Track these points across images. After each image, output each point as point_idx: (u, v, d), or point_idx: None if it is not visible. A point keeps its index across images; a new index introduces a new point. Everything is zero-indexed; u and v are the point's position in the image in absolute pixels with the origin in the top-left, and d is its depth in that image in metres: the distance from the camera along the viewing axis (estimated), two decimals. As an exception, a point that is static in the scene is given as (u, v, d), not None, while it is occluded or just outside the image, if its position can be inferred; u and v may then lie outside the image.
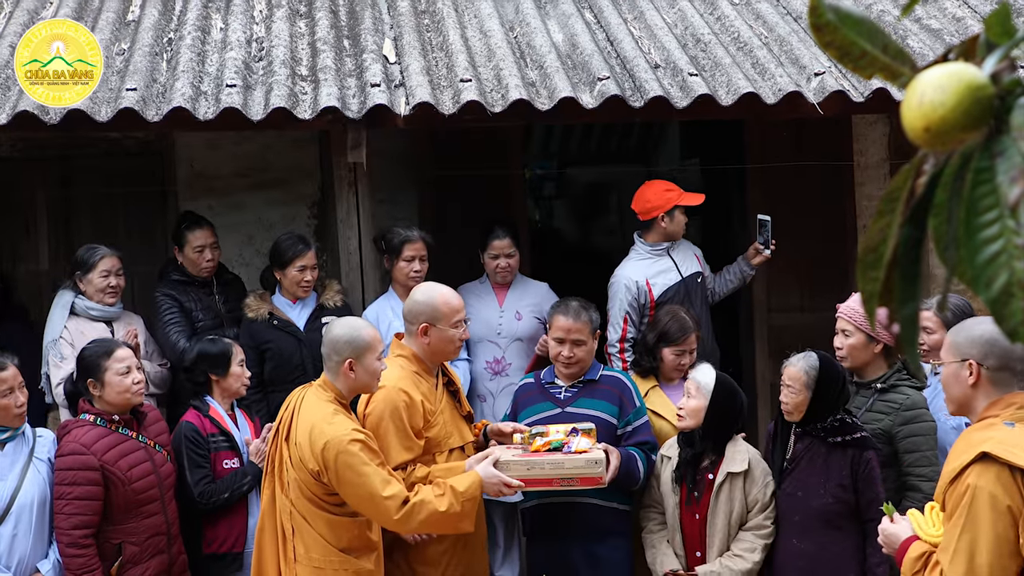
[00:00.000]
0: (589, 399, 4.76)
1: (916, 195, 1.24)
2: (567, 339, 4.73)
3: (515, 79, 5.53)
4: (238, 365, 4.99)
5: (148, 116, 5.18)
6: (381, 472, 4.03)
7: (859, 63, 1.27)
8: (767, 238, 6.00)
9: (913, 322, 1.23)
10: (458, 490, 4.11)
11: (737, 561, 4.48)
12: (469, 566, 4.63)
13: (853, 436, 4.40)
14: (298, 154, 7.16)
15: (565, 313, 4.75)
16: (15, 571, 4.45)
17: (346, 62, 5.85)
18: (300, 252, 5.61)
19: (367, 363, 4.17)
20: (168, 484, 4.69)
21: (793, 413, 4.48)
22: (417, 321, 4.49)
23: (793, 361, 4.48)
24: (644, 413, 4.82)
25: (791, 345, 4.72)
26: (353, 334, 4.19)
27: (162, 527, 4.63)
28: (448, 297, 4.55)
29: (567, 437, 4.39)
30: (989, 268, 1.14)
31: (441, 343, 4.51)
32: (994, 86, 1.17)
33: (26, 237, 7.01)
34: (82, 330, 5.44)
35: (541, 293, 6.02)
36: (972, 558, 3.05)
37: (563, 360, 4.76)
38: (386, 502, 4.01)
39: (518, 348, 5.86)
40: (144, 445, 4.63)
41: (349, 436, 4.02)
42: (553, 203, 13.05)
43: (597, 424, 4.68)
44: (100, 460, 4.48)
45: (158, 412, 4.87)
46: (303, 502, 4.13)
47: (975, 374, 3.30)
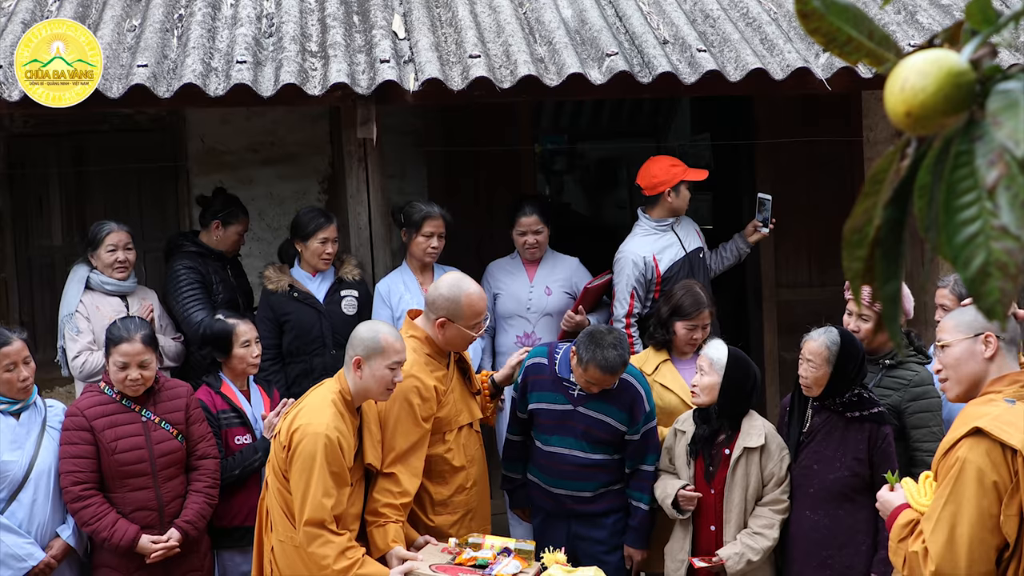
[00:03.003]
0: (601, 402, 4.73)
1: (899, 177, 1.28)
2: (598, 385, 4.67)
3: (524, 55, 5.54)
4: (241, 347, 4.99)
5: (159, 93, 5.22)
6: (327, 485, 4.01)
7: (845, 49, 1.31)
8: (767, 217, 6.02)
9: (894, 300, 1.27)
10: (361, 572, 4.04)
11: (758, 539, 4.52)
12: (478, 509, 4.74)
13: (871, 411, 4.43)
14: (309, 129, 7.20)
15: (603, 369, 4.56)
16: (35, 536, 4.58)
17: (355, 38, 5.88)
18: (323, 224, 5.63)
19: (374, 367, 4.15)
20: (166, 462, 4.68)
21: (812, 388, 4.50)
22: (437, 312, 4.49)
23: (814, 336, 4.49)
24: (653, 418, 4.81)
25: (800, 321, 4.76)
26: (370, 335, 4.20)
27: (151, 503, 4.65)
28: (473, 299, 4.51)
29: (496, 557, 4.17)
30: (967, 248, 1.17)
31: (455, 338, 4.53)
32: (975, 72, 1.21)
33: (40, 213, 7.08)
34: (97, 304, 5.49)
35: (571, 268, 6.05)
36: (953, 528, 3.08)
37: (587, 388, 4.71)
38: (306, 513, 4.00)
39: (548, 323, 5.89)
40: (145, 420, 4.67)
41: (323, 431, 4.03)
42: (564, 178, 13.07)
43: (604, 430, 4.72)
44: (90, 424, 4.60)
45: (183, 390, 4.84)
46: (274, 475, 4.20)
47: (994, 346, 3.32)
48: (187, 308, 5.65)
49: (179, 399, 4.80)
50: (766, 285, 7.47)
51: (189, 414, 4.77)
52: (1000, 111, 1.14)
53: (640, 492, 4.79)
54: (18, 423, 4.64)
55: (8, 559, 4.51)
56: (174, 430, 4.72)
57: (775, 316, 7.43)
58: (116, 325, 4.74)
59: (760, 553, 4.50)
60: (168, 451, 4.69)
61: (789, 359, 4.66)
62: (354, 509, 4.22)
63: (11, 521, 4.54)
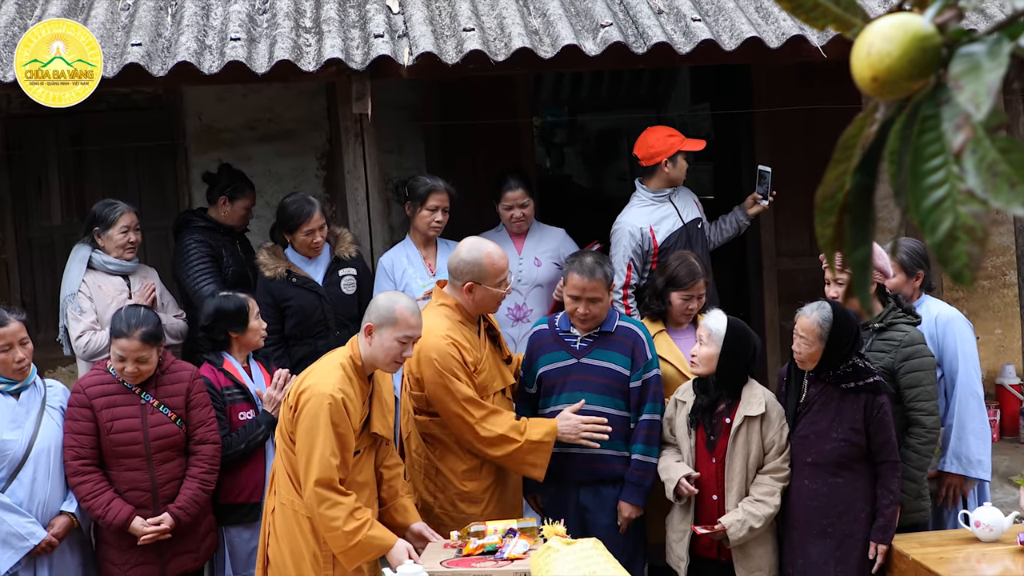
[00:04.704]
0: (604, 350, 4.81)
1: (868, 143, 1.28)
2: (582, 297, 4.75)
3: (518, 27, 5.53)
4: (255, 319, 5.02)
5: (153, 71, 5.22)
6: (334, 445, 4.05)
7: (811, 15, 1.31)
8: (767, 189, 6.00)
9: (864, 266, 1.27)
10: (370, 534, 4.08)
11: (759, 506, 4.54)
12: (508, 503, 4.78)
13: (866, 381, 4.45)
14: (307, 106, 7.19)
15: (580, 271, 4.75)
16: (36, 515, 4.62)
17: (349, 13, 5.86)
18: (305, 217, 5.51)
19: (384, 336, 4.15)
20: (160, 445, 4.69)
21: (806, 362, 4.52)
22: (462, 278, 4.60)
23: (807, 312, 4.50)
24: (656, 365, 4.84)
25: (800, 289, 4.76)
26: (387, 304, 4.21)
27: (145, 484, 4.69)
28: (494, 257, 4.63)
29: (503, 540, 4.16)
30: (935, 213, 1.17)
31: (485, 300, 4.64)
32: (941, 36, 1.20)
33: (39, 194, 7.09)
34: (99, 284, 5.50)
35: (558, 239, 6.06)
36: None
37: (579, 316, 4.80)
38: (314, 473, 4.03)
39: (538, 294, 5.91)
40: (144, 403, 4.70)
41: (329, 391, 4.06)
42: (564, 150, 13.04)
43: (610, 377, 4.76)
44: (90, 402, 4.66)
45: (187, 374, 4.82)
46: (281, 437, 4.24)
47: None
48: (197, 281, 5.65)
49: (181, 383, 4.78)
50: (766, 254, 7.47)
51: (191, 398, 4.77)
52: (962, 74, 1.14)
53: (636, 443, 4.81)
54: (17, 403, 4.69)
55: (10, 538, 4.56)
56: (172, 414, 4.73)
57: (776, 285, 7.43)
58: (119, 317, 4.75)
59: (762, 520, 4.52)
60: (164, 435, 4.71)
61: (790, 328, 4.65)
62: (360, 477, 4.24)
63: (11, 500, 4.58)
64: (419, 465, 4.75)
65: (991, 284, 7.68)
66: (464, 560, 4.07)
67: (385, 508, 4.39)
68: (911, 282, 4.94)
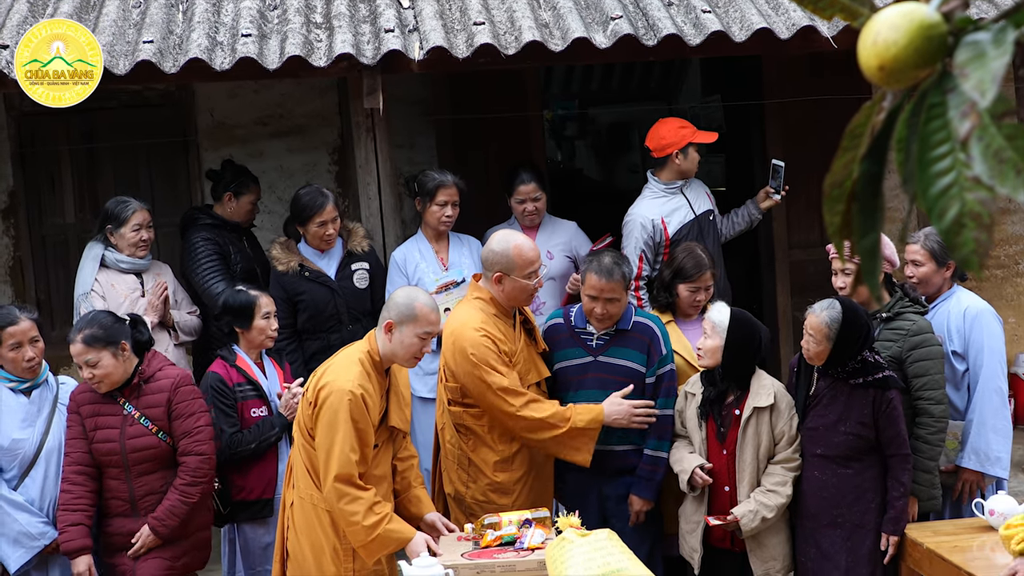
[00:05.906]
0: (620, 348, 4.81)
1: (876, 131, 1.28)
2: (600, 297, 4.74)
3: (528, 20, 5.53)
4: (262, 319, 4.98)
5: (165, 68, 5.24)
6: (353, 440, 4.07)
7: (819, 4, 1.31)
8: (780, 183, 5.98)
9: (873, 253, 1.28)
10: (389, 528, 4.10)
11: (772, 496, 4.55)
12: (539, 494, 4.78)
13: (875, 376, 4.44)
14: (318, 101, 7.21)
15: (598, 272, 4.71)
16: (47, 513, 4.66)
17: (360, 8, 5.87)
18: (318, 208, 5.53)
19: (404, 333, 4.17)
20: (139, 457, 4.59)
21: (815, 359, 4.53)
22: (492, 269, 4.64)
23: (816, 311, 4.49)
24: (670, 360, 4.84)
25: (812, 281, 4.76)
26: (406, 300, 4.23)
27: (123, 493, 4.61)
28: (523, 249, 4.65)
29: (519, 530, 4.16)
30: (942, 200, 1.18)
31: (515, 291, 4.66)
32: (946, 24, 1.21)
33: (52, 191, 7.12)
34: (112, 282, 5.52)
35: (570, 232, 6.08)
36: None
37: (597, 316, 4.79)
38: (333, 468, 4.05)
39: (551, 287, 5.90)
40: (125, 414, 4.60)
41: (348, 387, 4.08)
42: (575, 143, 13.04)
43: (627, 375, 4.76)
44: (78, 408, 4.63)
45: (169, 382, 4.64)
46: (300, 432, 4.26)
47: None
48: (206, 280, 5.67)
49: (161, 393, 4.62)
50: (778, 246, 7.46)
51: (172, 408, 4.61)
52: (967, 62, 1.15)
53: (648, 438, 4.80)
54: (29, 401, 4.70)
55: (22, 537, 4.57)
56: (154, 426, 4.60)
57: (788, 277, 7.43)
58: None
59: (774, 510, 4.53)
60: (142, 447, 4.59)
61: (802, 319, 4.66)
62: (378, 471, 4.26)
63: (23, 498, 4.59)
64: (453, 456, 4.78)
65: (1004, 273, 7.66)
66: (485, 552, 4.09)
67: (399, 499, 4.42)
68: (941, 272, 4.90)
